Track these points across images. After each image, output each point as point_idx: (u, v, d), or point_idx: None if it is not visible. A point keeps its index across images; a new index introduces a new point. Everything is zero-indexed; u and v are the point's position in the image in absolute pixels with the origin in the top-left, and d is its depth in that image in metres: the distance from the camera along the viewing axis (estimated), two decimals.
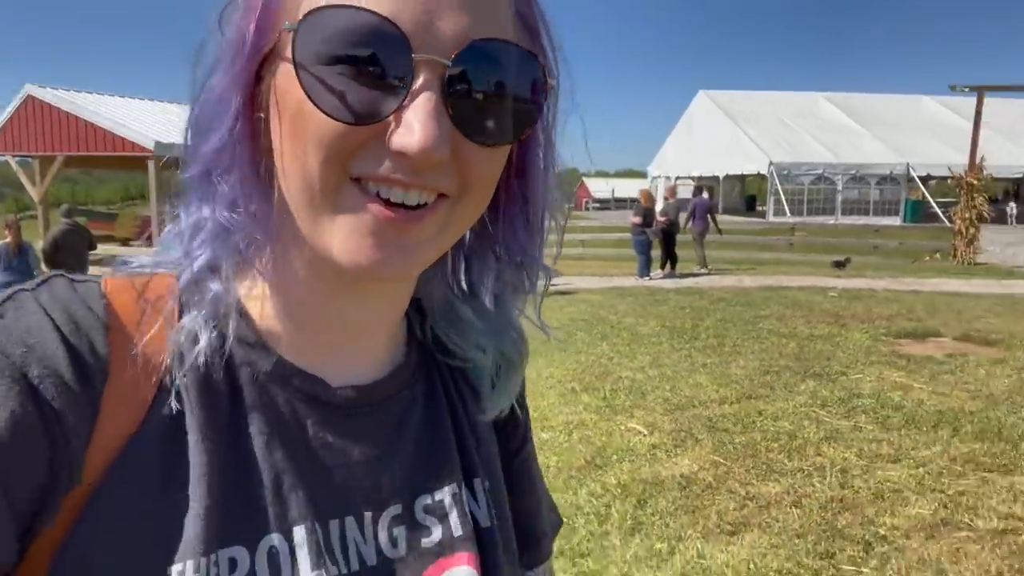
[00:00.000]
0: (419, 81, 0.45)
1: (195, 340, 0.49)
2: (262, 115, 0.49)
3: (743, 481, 4.20)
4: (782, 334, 8.23)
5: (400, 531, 0.55)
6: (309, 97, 0.44)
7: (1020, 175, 32.07)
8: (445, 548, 0.57)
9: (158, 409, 0.47)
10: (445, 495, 0.58)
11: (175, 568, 0.44)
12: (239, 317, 0.51)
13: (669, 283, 13.04)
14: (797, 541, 3.50)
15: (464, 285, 0.64)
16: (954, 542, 3.47)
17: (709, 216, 14.80)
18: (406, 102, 0.45)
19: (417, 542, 0.56)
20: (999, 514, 3.73)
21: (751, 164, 32.10)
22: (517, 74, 0.48)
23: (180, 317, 0.50)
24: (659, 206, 15.47)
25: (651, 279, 13.43)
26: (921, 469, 4.30)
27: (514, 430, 0.71)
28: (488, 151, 0.49)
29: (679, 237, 14.25)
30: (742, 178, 39.66)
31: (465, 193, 0.50)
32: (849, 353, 7.27)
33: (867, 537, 3.54)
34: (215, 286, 0.50)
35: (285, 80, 0.46)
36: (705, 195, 15.75)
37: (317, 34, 0.43)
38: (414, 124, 0.44)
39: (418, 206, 0.47)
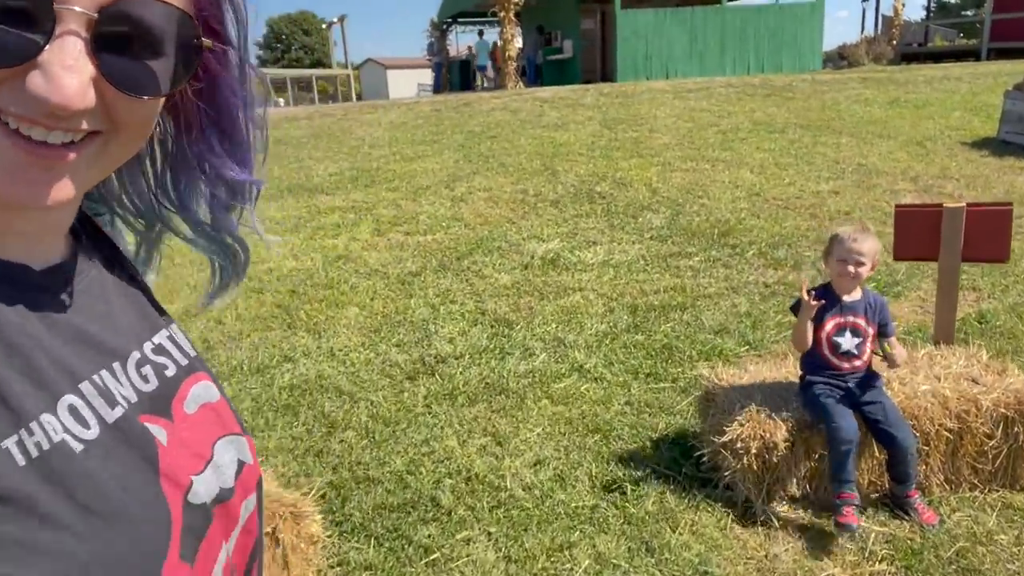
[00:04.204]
0: (62, 30, 0.45)
1: None
2: None
3: None
4: None
5: (146, 370, 0.60)
6: None
7: None
8: (184, 372, 0.64)
9: None
10: (162, 339, 0.65)
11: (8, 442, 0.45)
12: None
13: None
14: None
15: (174, 198, 0.68)
16: None
17: None
18: (47, 50, 0.44)
19: (161, 375, 0.61)
20: None
21: None
22: (168, 31, 0.50)
23: None
24: None
25: None
26: None
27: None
28: (138, 99, 0.50)
29: None
30: None
31: (117, 131, 0.51)
32: None
33: None
34: None
35: None
36: None
37: None
38: (53, 74, 0.44)
39: (65, 143, 0.48)
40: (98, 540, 0.47)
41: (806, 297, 2.76)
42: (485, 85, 22.96)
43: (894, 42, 23.35)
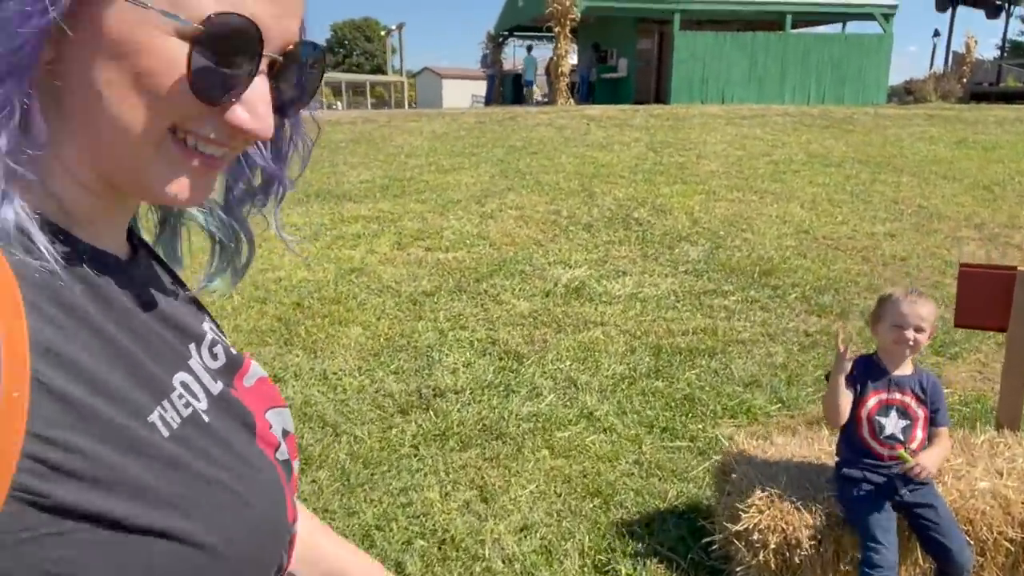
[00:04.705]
0: (262, 72, 0.53)
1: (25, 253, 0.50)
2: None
3: None
4: None
5: (217, 348, 0.67)
6: (192, 80, 0.49)
7: None
8: (241, 355, 0.70)
9: (34, 323, 0.47)
10: (212, 328, 0.69)
11: (152, 414, 0.52)
12: (42, 226, 0.51)
13: None
14: None
15: None
16: None
17: None
18: (250, 88, 0.52)
19: (228, 352, 0.68)
20: None
21: None
22: (314, 64, 0.59)
23: None
24: None
25: None
26: None
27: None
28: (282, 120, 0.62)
29: None
30: None
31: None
32: None
33: None
34: (9, 212, 0.49)
35: (127, 28, 0.48)
36: None
37: (210, 30, 0.49)
38: (258, 109, 0.53)
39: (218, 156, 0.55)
40: (247, 490, 0.56)
41: (841, 348, 2.32)
42: (535, 100, 22.69)
43: (964, 80, 22.45)
